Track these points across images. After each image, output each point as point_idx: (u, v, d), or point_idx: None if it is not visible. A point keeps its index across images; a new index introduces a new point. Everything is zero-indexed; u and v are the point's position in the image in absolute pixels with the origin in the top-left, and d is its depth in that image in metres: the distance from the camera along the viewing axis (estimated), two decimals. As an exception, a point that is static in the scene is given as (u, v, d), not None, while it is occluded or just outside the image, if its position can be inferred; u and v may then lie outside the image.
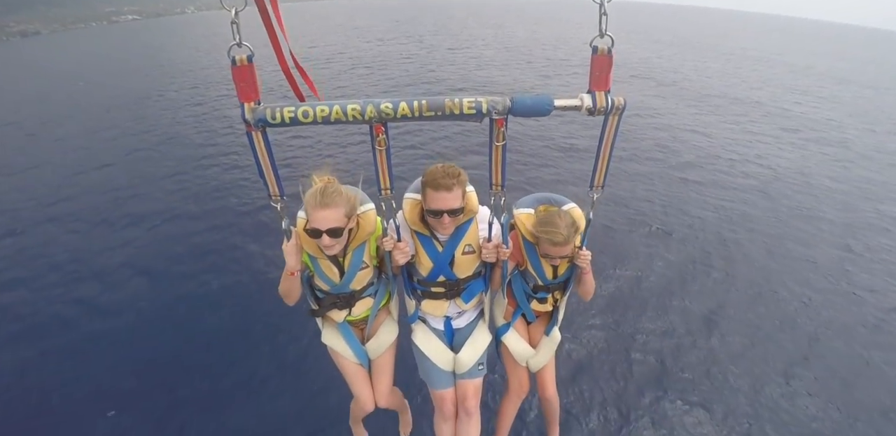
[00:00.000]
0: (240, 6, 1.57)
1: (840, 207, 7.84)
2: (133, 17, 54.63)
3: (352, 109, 1.68)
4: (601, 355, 4.53)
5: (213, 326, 4.90)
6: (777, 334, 4.91)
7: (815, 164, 9.88)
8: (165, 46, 28.26)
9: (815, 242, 6.65)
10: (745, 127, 12.20)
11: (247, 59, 1.62)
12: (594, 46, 1.64)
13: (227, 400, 4.03)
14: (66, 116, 13.39)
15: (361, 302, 2.27)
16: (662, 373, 4.36)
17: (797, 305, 5.33)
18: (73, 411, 3.93)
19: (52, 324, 4.97)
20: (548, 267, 2.29)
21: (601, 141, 1.82)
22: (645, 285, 5.54)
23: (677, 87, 16.55)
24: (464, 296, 2.32)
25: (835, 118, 13.85)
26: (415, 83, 15.53)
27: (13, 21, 44.53)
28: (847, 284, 5.78)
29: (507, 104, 1.71)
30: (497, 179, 1.93)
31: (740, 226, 6.99)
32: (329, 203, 1.84)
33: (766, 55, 28.48)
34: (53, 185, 8.48)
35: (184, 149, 10.03)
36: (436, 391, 2.40)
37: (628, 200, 7.57)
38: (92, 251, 6.29)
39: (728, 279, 5.73)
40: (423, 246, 2.19)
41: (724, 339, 4.80)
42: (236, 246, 6.30)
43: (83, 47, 31.54)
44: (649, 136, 10.81)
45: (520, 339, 2.49)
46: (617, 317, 5.00)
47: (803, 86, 19.03)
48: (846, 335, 4.94)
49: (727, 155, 9.98)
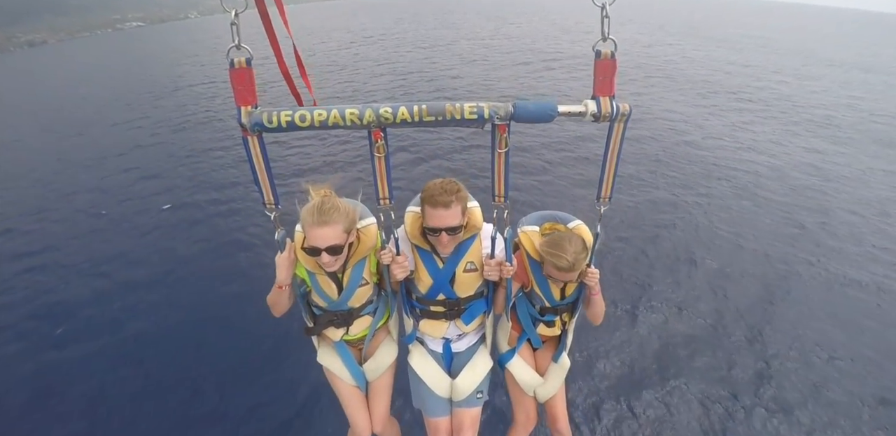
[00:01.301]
0: (240, 8, 1.58)
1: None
2: (137, 24, 55.89)
3: (350, 113, 1.65)
4: (617, 382, 4.23)
5: (200, 337, 4.78)
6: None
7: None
8: (168, 52, 28.66)
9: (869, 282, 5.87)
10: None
11: (245, 62, 1.63)
12: (597, 51, 1.62)
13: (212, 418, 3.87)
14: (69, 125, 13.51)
15: (360, 320, 2.21)
16: (692, 403, 4.07)
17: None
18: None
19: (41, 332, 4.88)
20: (555, 287, 2.20)
21: (607, 149, 1.77)
22: (665, 305, 5.27)
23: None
24: (464, 317, 2.24)
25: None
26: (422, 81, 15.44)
27: (20, 31, 45.78)
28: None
29: (510, 110, 1.68)
30: (500, 189, 1.88)
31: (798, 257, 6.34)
32: (327, 221, 1.81)
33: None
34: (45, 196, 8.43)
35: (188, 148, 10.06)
36: (430, 419, 2.29)
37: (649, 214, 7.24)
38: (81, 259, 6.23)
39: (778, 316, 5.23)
40: (423, 261, 2.12)
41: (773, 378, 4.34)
42: (231, 253, 6.22)
43: (88, 56, 32.08)
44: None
45: (526, 366, 2.38)
46: (634, 340, 4.74)
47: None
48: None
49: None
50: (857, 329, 4.94)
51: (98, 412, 3.98)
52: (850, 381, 4.28)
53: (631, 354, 4.57)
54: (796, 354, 4.68)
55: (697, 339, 4.84)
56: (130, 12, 63.88)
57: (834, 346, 4.72)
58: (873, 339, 4.80)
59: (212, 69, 20.57)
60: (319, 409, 3.82)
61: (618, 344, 4.67)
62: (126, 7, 75.98)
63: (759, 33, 33.01)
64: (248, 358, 4.47)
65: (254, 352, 4.52)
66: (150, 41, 37.00)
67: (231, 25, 1.56)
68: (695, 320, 5.11)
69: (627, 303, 5.27)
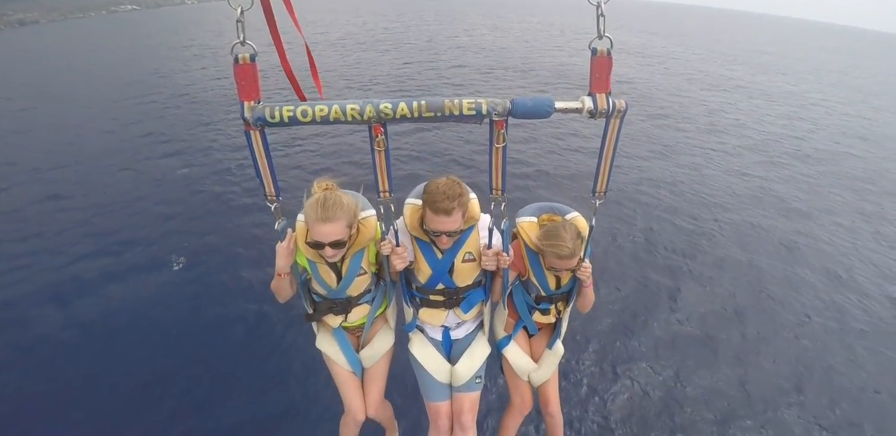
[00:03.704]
0: (246, 5, 1.61)
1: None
2: (132, 7, 54.96)
3: (351, 108, 1.70)
4: (607, 368, 4.47)
5: (202, 327, 4.92)
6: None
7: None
8: (163, 37, 28.38)
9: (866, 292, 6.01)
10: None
11: (249, 58, 1.66)
12: (593, 48, 1.66)
13: (211, 404, 4.04)
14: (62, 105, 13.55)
15: (358, 309, 2.30)
16: (675, 388, 4.29)
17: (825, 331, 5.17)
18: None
19: (39, 323, 4.98)
20: (551, 277, 2.29)
21: (603, 145, 1.82)
22: (654, 296, 5.47)
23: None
24: (463, 305, 2.32)
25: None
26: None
27: (11, 10, 45.00)
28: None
29: (507, 106, 1.73)
30: (497, 183, 1.94)
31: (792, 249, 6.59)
32: (330, 218, 1.87)
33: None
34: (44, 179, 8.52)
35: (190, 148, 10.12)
36: (431, 404, 2.40)
37: (637, 206, 7.46)
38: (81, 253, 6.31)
39: (759, 298, 5.54)
40: (422, 252, 2.20)
41: (747, 359, 4.66)
42: (234, 243, 6.33)
43: (84, 36, 31.81)
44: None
45: (521, 352, 2.49)
46: (624, 328, 4.94)
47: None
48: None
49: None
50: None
51: (92, 397, 4.11)
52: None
53: (622, 342, 4.77)
54: (789, 336, 4.86)
55: (688, 329, 5.03)
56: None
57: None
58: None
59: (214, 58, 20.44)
60: (316, 391, 3.99)
61: (610, 333, 4.87)
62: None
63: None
64: (249, 341, 4.65)
65: (254, 335, 4.70)
66: (145, 25, 36.57)
67: (236, 22, 1.60)
68: (688, 311, 5.28)
69: (621, 293, 5.44)
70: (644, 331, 4.94)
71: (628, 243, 6.47)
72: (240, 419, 3.86)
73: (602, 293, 5.25)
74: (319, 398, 3.92)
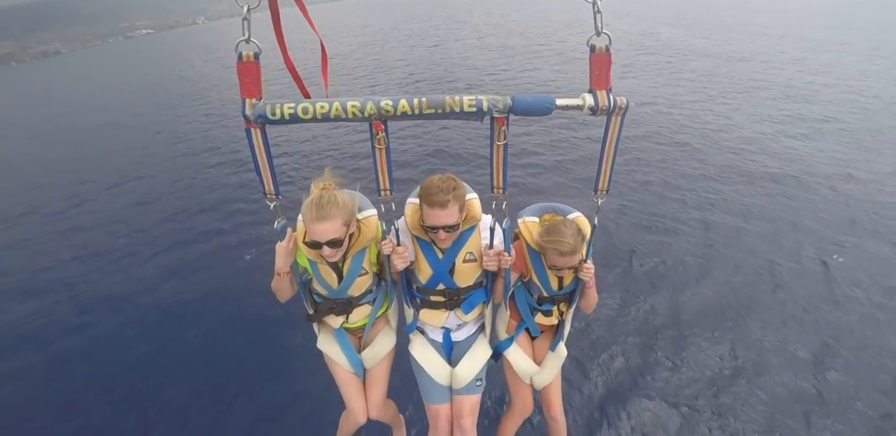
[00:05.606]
0: (253, 3, 1.66)
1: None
2: (147, 31, 57.44)
3: (352, 106, 1.72)
4: (612, 371, 4.34)
5: (201, 326, 4.98)
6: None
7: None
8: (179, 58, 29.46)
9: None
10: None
11: (253, 56, 1.69)
12: (592, 45, 1.68)
13: (211, 405, 4.05)
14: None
15: (359, 309, 2.30)
16: (682, 392, 4.16)
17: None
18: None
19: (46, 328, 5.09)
20: (553, 278, 2.28)
21: (604, 142, 1.83)
22: (660, 297, 5.33)
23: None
24: (464, 306, 2.31)
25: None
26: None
27: (34, 42, 47.43)
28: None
29: (508, 103, 1.75)
30: (498, 181, 1.94)
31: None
32: (325, 216, 1.87)
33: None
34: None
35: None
36: (430, 406, 2.37)
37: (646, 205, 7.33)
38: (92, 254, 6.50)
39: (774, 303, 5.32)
40: (423, 252, 2.21)
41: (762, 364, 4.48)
42: (236, 242, 6.43)
43: (102, 64, 33.19)
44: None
45: (523, 354, 2.47)
46: (629, 330, 4.82)
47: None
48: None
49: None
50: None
51: (90, 399, 4.17)
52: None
53: (628, 344, 4.64)
54: (796, 335, 4.71)
55: (692, 330, 4.90)
56: (139, 20, 65.77)
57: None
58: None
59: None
60: (317, 392, 3.95)
61: (614, 335, 4.73)
62: (134, 15, 78.17)
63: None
64: (249, 341, 4.68)
65: (254, 336, 4.73)
66: (160, 47, 38.01)
67: (242, 20, 1.64)
68: (692, 313, 5.15)
69: (625, 294, 5.33)
70: (652, 332, 4.79)
71: (633, 242, 6.36)
72: (240, 419, 3.86)
73: (604, 294, 5.15)
74: (320, 399, 3.86)
